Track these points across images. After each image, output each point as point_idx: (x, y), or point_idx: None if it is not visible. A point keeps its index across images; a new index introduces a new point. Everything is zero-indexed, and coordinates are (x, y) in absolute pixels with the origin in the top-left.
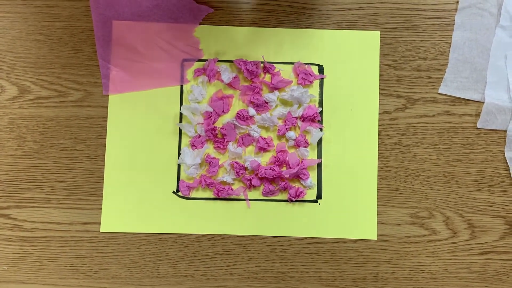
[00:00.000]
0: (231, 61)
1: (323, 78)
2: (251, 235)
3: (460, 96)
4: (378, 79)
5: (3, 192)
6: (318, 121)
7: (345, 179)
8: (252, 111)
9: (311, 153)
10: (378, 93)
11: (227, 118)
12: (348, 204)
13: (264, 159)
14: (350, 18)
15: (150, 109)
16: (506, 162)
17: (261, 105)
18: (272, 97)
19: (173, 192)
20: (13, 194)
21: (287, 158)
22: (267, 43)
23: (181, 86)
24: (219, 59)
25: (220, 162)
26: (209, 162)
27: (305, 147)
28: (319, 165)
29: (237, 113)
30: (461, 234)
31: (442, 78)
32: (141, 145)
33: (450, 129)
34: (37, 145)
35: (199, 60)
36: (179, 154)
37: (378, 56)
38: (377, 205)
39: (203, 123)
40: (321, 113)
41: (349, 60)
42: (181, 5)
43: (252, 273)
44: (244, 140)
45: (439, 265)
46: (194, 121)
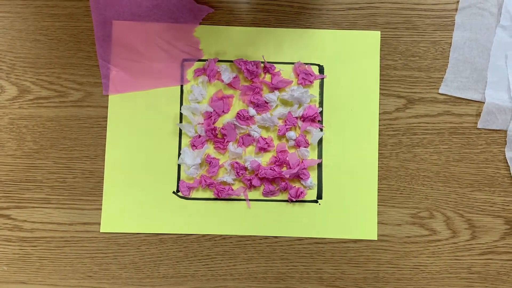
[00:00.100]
0: (231, 61)
1: (323, 78)
2: (251, 235)
3: (460, 96)
4: (379, 79)
5: (3, 192)
6: (319, 121)
7: (346, 179)
8: (252, 111)
9: (311, 153)
10: (379, 93)
11: (227, 118)
12: (348, 204)
13: (264, 159)
14: (350, 18)
15: (150, 109)
16: (507, 162)
17: (261, 105)
18: (272, 97)
19: (173, 192)
20: (13, 195)
21: (287, 158)
22: (267, 43)
23: (181, 86)
24: (219, 59)
25: (220, 162)
26: (209, 162)
27: (305, 147)
28: (320, 165)
29: (237, 113)
30: (461, 234)
31: (443, 78)
32: (141, 145)
33: (450, 129)
34: (37, 145)
35: (199, 60)
36: (179, 154)
37: (378, 56)
38: (378, 205)
39: (203, 123)
40: (321, 113)
41: (350, 60)
42: (181, 5)
43: (252, 273)
44: (244, 140)
45: (440, 265)
46: (194, 121)
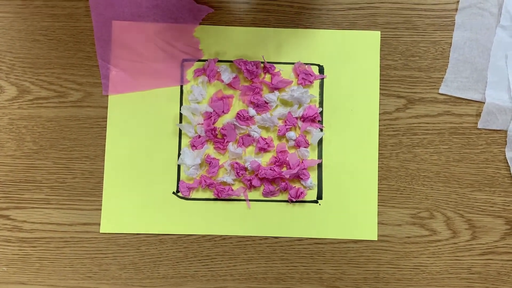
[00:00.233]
0: (231, 61)
1: (323, 78)
2: (251, 236)
3: (460, 96)
4: (379, 79)
5: (3, 193)
6: (319, 121)
7: (346, 180)
8: (252, 112)
9: (311, 154)
10: (379, 93)
11: (227, 119)
12: (348, 205)
13: (264, 159)
14: (350, 18)
15: (150, 109)
16: (507, 162)
17: (261, 106)
18: (272, 97)
19: (173, 193)
20: (13, 195)
21: (287, 159)
22: (267, 43)
23: (181, 87)
24: (219, 59)
25: (220, 163)
26: (209, 162)
27: (305, 147)
28: (320, 166)
29: (237, 113)
30: (461, 235)
31: (443, 78)
32: (141, 146)
33: (450, 129)
34: (36, 145)
35: (199, 60)
36: (179, 154)
37: (378, 56)
38: (378, 205)
39: (203, 124)
40: (321, 113)
41: (350, 60)
42: (181, 5)
43: (252, 273)
44: (244, 141)
45: (440, 266)
46: (194, 121)
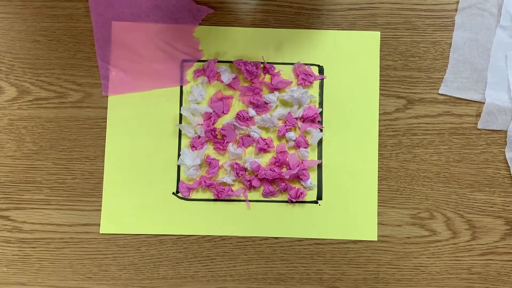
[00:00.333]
0: (231, 62)
1: (323, 79)
2: (251, 236)
3: (460, 97)
4: (378, 80)
5: (2, 193)
6: (318, 121)
7: (346, 180)
8: (252, 112)
9: (311, 154)
10: (378, 93)
11: (227, 119)
12: (348, 205)
13: (264, 160)
14: (350, 19)
15: (149, 110)
16: (507, 162)
17: (261, 106)
18: (272, 98)
19: (173, 193)
20: (12, 196)
21: (287, 159)
22: (267, 44)
23: (181, 87)
24: (219, 59)
25: (220, 163)
26: (209, 163)
27: (305, 147)
28: (319, 166)
29: (237, 114)
30: (461, 235)
31: (443, 78)
32: (141, 146)
33: (450, 129)
34: (36, 146)
35: (199, 60)
36: (179, 155)
37: (378, 57)
38: (378, 206)
39: (203, 124)
40: (321, 113)
41: (349, 61)
42: (180, 6)
43: (252, 274)
44: (244, 141)
45: (440, 266)
46: (194, 122)
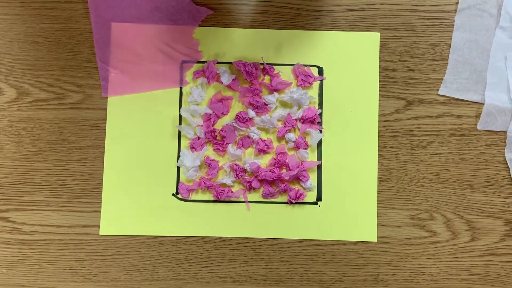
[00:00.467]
0: (230, 63)
1: (322, 80)
2: (251, 238)
3: (460, 97)
4: (378, 81)
5: (2, 195)
6: (318, 122)
7: (345, 181)
8: (251, 113)
9: (311, 155)
10: (378, 94)
11: (226, 120)
12: (348, 206)
13: (264, 161)
14: (349, 20)
15: (149, 111)
16: (507, 163)
17: (260, 107)
18: (271, 99)
19: (173, 195)
20: (12, 197)
21: (286, 160)
22: (266, 45)
23: (181, 88)
24: (219, 60)
25: (220, 164)
26: (208, 164)
27: (305, 149)
28: (319, 167)
29: (237, 115)
30: (461, 236)
31: (442, 79)
32: (140, 148)
33: (450, 130)
34: (36, 147)
35: (198, 62)
36: (178, 156)
37: (377, 58)
38: (377, 207)
39: (202, 125)
40: (320, 114)
41: (349, 62)
42: (180, 7)
43: (252, 275)
44: (243, 142)
45: (440, 267)
46: (194, 123)
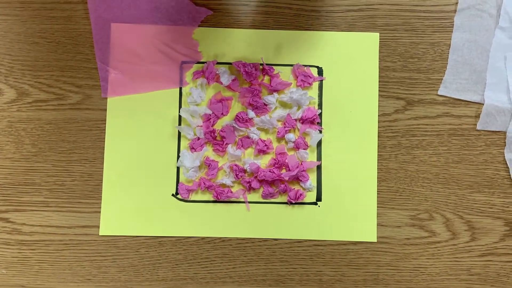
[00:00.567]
0: (230, 63)
1: (322, 80)
2: (250, 238)
3: (459, 98)
4: (378, 81)
5: (2, 195)
6: (318, 123)
7: (345, 181)
8: (251, 113)
9: (310, 155)
10: (378, 95)
11: (226, 121)
12: (348, 206)
13: (264, 161)
14: (349, 20)
15: (149, 111)
16: (506, 163)
17: (260, 107)
18: (271, 99)
19: (172, 195)
20: (12, 198)
21: (286, 161)
22: (266, 45)
23: (180, 89)
24: (218, 61)
25: (220, 165)
26: (208, 164)
27: (304, 149)
28: (319, 167)
29: (236, 115)
30: (461, 236)
31: (442, 79)
32: (140, 148)
33: (449, 130)
34: (35, 148)
35: (198, 62)
36: (178, 156)
37: (377, 58)
38: (377, 207)
39: (202, 126)
40: (320, 115)
41: (348, 62)
42: (179, 8)
43: (252, 276)
44: (243, 143)
45: (439, 267)
46: (193, 123)
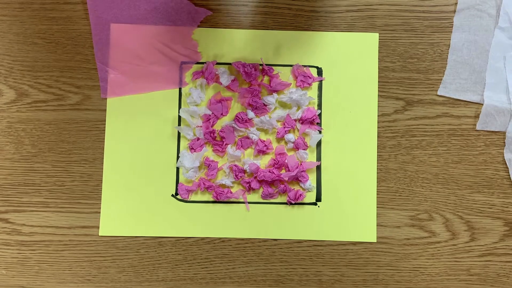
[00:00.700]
0: (229, 64)
1: (321, 80)
2: (250, 238)
3: (459, 98)
4: (377, 81)
5: (1, 196)
6: (317, 123)
7: (345, 182)
8: (251, 114)
9: (310, 156)
10: (377, 95)
11: (225, 121)
12: (347, 207)
13: (263, 161)
14: (348, 20)
15: (148, 112)
16: (506, 163)
17: (259, 108)
18: (271, 100)
19: (172, 196)
20: (11, 198)
21: (286, 161)
22: (265, 46)
23: (180, 89)
24: (218, 61)
25: (219, 165)
26: (208, 165)
27: (304, 149)
28: (318, 168)
29: (236, 115)
30: (460, 236)
31: (441, 79)
32: (140, 149)
33: (449, 130)
34: (35, 148)
35: (198, 62)
36: (177, 157)
37: (376, 58)
38: (377, 207)
39: (201, 126)
40: (320, 115)
41: (348, 62)
42: (179, 8)
43: (251, 276)
44: (243, 143)
45: (439, 267)
46: (193, 124)
